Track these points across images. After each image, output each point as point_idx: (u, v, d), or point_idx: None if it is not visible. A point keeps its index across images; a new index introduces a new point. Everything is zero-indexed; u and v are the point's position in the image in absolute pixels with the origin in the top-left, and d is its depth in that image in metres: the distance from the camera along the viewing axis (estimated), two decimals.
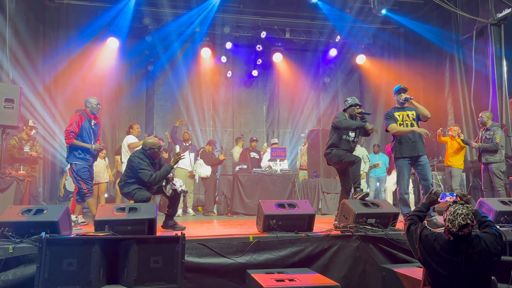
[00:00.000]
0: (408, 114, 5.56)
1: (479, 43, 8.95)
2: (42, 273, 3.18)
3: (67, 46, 10.36)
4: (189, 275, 3.90)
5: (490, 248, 2.80)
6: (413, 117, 5.53)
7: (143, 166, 5.07)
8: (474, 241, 2.81)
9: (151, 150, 5.21)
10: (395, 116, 5.55)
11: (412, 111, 5.58)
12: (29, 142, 7.50)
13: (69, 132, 5.67)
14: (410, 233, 3.10)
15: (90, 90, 10.62)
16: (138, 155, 5.17)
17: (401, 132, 5.43)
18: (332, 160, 5.59)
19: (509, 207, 4.88)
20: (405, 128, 5.42)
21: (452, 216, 2.77)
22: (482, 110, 8.80)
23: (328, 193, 8.67)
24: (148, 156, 5.21)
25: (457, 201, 2.89)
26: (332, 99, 12.57)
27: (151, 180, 5.02)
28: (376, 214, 4.70)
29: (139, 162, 5.08)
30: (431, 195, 3.37)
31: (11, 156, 7.29)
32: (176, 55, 11.53)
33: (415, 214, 3.27)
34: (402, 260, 4.35)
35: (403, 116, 5.56)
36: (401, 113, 5.58)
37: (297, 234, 4.36)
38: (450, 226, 2.77)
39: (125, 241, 3.49)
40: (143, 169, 5.04)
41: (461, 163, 8.15)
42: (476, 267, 2.78)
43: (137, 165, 5.06)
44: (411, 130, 5.37)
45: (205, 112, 11.79)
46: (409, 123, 5.51)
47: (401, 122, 5.51)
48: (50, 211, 4.05)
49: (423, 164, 5.45)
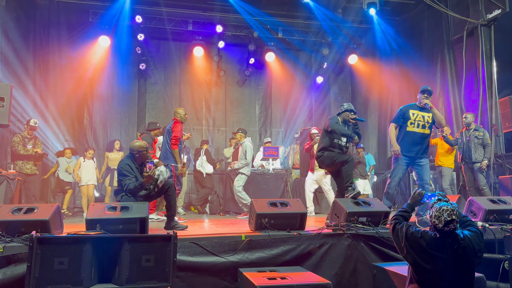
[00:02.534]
0: (424, 116, 5.61)
1: (469, 43, 9.03)
2: (33, 272, 3.16)
3: (58, 45, 10.30)
4: (181, 274, 3.90)
5: (474, 245, 2.88)
6: (428, 120, 5.61)
7: (126, 173, 4.97)
8: (458, 237, 2.88)
9: (139, 153, 5.15)
10: (408, 114, 5.59)
11: (430, 114, 5.64)
12: (31, 141, 7.58)
13: (177, 139, 6.41)
14: (395, 231, 3.15)
15: (81, 89, 10.61)
16: (126, 161, 5.09)
17: (390, 138, 5.60)
18: (324, 162, 5.59)
19: (498, 206, 4.94)
20: (392, 139, 5.59)
21: (438, 212, 2.85)
22: (472, 109, 8.90)
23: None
24: (136, 159, 5.14)
25: (441, 199, 2.97)
26: (324, 99, 12.61)
27: (129, 189, 4.89)
28: (367, 212, 4.74)
29: (121, 170, 5.00)
30: (415, 195, 3.45)
31: (15, 152, 7.33)
32: (169, 53, 11.52)
33: (400, 214, 3.33)
34: (393, 258, 4.39)
35: (418, 116, 5.60)
36: (418, 112, 5.62)
37: (289, 232, 4.39)
38: (437, 222, 2.85)
39: (116, 240, 3.48)
40: (125, 177, 4.95)
41: (451, 162, 8.25)
42: (462, 262, 2.84)
43: (120, 171, 5.00)
44: (393, 143, 5.55)
45: (198, 111, 11.77)
46: (422, 124, 5.58)
47: (412, 121, 5.57)
48: (40, 210, 4.03)
49: (423, 165, 5.52)
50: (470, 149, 7.39)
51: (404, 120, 5.58)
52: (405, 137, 5.55)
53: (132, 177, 4.95)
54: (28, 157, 7.42)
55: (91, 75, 10.74)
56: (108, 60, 10.81)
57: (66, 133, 10.20)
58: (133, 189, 4.88)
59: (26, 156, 7.39)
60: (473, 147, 7.37)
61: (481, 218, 4.82)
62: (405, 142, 5.54)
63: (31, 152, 7.42)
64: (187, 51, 11.49)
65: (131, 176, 4.96)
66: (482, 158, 7.34)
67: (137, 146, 5.16)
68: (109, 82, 11.03)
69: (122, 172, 4.98)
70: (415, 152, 5.53)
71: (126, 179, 4.92)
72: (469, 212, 5.08)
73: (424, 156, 5.59)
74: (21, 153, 7.34)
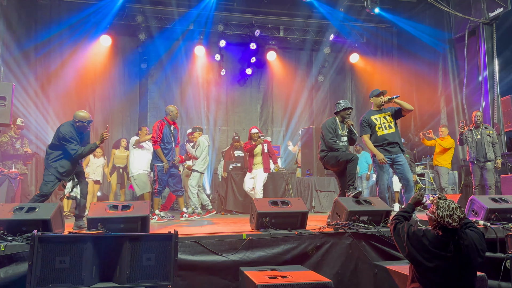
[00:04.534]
0: (385, 116, 5.61)
1: (471, 42, 9.02)
2: (34, 271, 3.17)
3: (60, 44, 10.31)
4: (182, 272, 3.90)
5: (476, 244, 2.86)
6: (390, 120, 5.60)
7: (71, 136, 5.08)
8: (462, 234, 2.87)
9: (81, 123, 5.18)
10: (372, 121, 5.58)
11: (388, 112, 5.63)
12: (19, 140, 7.52)
13: (155, 139, 6.45)
14: (397, 231, 3.14)
15: (83, 88, 10.63)
16: (68, 126, 5.15)
17: (369, 147, 5.56)
18: (329, 162, 5.56)
19: (499, 205, 4.92)
20: (373, 149, 5.51)
21: (448, 211, 2.80)
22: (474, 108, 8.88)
23: (322, 191, 8.70)
24: (76, 128, 5.19)
25: (441, 197, 2.93)
26: (325, 98, 12.59)
27: (76, 154, 5.04)
28: (368, 211, 4.73)
29: (70, 131, 5.08)
30: (416, 196, 3.44)
31: (5, 152, 7.28)
32: (170, 53, 11.50)
33: (401, 214, 3.33)
34: (394, 257, 4.38)
35: (381, 119, 5.59)
36: (379, 115, 5.61)
37: (290, 231, 4.38)
38: (450, 221, 2.80)
39: (117, 238, 3.48)
40: (71, 143, 5.04)
41: (448, 162, 8.25)
42: (464, 261, 2.83)
43: (66, 134, 5.06)
44: (375, 152, 5.47)
45: (198, 110, 11.77)
46: (387, 125, 5.56)
47: (379, 126, 5.55)
48: (42, 209, 4.03)
49: (403, 164, 5.49)
50: (483, 147, 7.29)
51: (372, 127, 5.57)
52: (379, 142, 5.53)
53: (77, 144, 5.10)
54: (18, 156, 7.37)
55: (93, 74, 10.76)
56: (109, 59, 10.84)
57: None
58: (80, 155, 5.07)
59: (15, 156, 7.34)
60: (487, 145, 7.29)
61: (482, 217, 4.80)
62: (381, 147, 5.51)
63: (21, 152, 7.37)
64: (189, 50, 11.48)
65: (76, 143, 5.10)
66: (495, 157, 7.29)
67: (80, 116, 5.19)
68: (111, 82, 11.05)
69: (66, 137, 5.03)
70: (393, 152, 5.50)
71: (72, 145, 5.04)
72: (470, 211, 5.06)
73: (401, 153, 5.57)
74: (11, 153, 7.28)
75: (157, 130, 6.45)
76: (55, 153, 5.11)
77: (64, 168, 5.08)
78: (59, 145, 5.10)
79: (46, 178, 5.06)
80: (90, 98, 10.84)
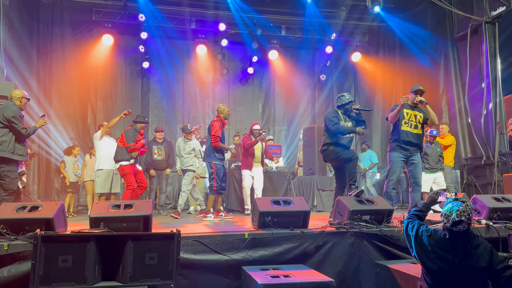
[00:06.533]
0: (416, 115, 5.61)
1: (473, 41, 8.99)
2: (37, 270, 3.18)
3: (62, 43, 10.34)
4: (184, 271, 3.91)
5: (493, 255, 2.75)
6: (419, 120, 5.60)
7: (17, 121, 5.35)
8: (473, 240, 2.79)
9: (22, 100, 5.52)
10: (402, 113, 5.58)
11: (421, 113, 5.63)
12: None
13: (215, 137, 6.59)
14: (407, 231, 3.13)
15: (84, 87, 10.65)
16: (13, 105, 5.42)
17: (395, 111, 5.56)
18: (329, 156, 5.61)
19: (502, 204, 4.92)
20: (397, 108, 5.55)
21: (448, 211, 2.80)
22: (476, 107, 8.86)
23: (324, 190, 8.70)
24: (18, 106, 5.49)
25: (458, 198, 2.90)
26: (328, 97, 12.59)
27: (26, 133, 5.37)
28: (370, 210, 4.73)
29: (14, 118, 5.32)
30: (432, 195, 3.42)
31: None
32: (172, 52, 11.50)
33: (415, 213, 3.30)
34: (396, 256, 4.39)
35: (411, 115, 5.59)
36: (410, 112, 5.61)
37: (292, 230, 4.39)
38: (445, 220, 2.80)
39: (120, 237, 3.49)
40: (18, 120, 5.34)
41: (451, 160, 8.23)
42: (472, 266, 2.74)
43: (16, 113, 5.33)
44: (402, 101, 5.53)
45: (200, 110, 11.77)
46: (414, 124, 5.56)
47: (406, 121, 5.55)
48: (45, 208, 4.04)
49: (416, 163, 5.49)
50: None
51: (399, 119, 5.56)
52: (400, 135, 5.51)
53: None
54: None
55: (95, 73, 10.78)
56: (111, 58, 10.86)
57: (70, 131, 10.23)
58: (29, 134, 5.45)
59: None
60: None
61: (485, 216, 4.80)
62: (400, 140, 5.51)
63: None
64: (190, 49, 11.49)
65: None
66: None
67: (18, 94, 5.54)
68: (113, 81, 11.07)
69: (17, 117, 5.33)
70: (410, 151, 5.51)
71: (20, 124, 5.34)
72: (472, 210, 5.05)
73: (418, 154, 5.58)
74: None
75: (217, 128, 6.64)
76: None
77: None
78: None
79: None
80: (92, 97, 10.86)
